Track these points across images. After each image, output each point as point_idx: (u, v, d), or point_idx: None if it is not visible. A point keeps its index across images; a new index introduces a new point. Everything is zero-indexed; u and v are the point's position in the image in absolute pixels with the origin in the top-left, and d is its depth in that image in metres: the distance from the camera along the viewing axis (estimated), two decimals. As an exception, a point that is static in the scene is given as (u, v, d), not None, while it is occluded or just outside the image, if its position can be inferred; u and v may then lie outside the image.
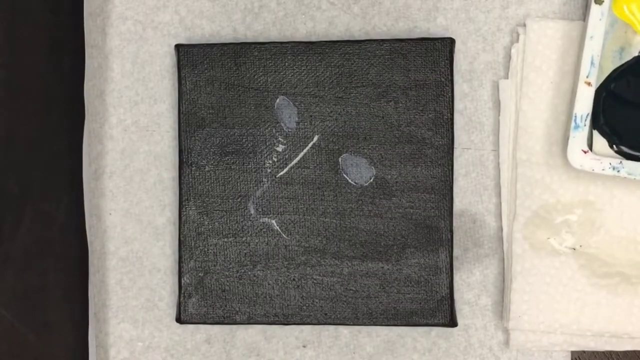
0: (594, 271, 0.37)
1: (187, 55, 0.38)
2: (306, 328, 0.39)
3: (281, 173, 0.38)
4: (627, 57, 0.37)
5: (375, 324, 0.37)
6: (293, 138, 0.38)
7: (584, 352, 0.39)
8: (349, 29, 0.39)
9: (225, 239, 0.38)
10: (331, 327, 0.39)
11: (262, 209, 0.38)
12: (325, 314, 0.37)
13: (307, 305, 0.38)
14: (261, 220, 0.38)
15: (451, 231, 0.37)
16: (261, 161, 0.38)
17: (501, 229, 0.38)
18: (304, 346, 0.39)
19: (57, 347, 0.43)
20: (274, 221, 0.38)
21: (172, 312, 0.39)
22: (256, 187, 0.38)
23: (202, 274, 0.38)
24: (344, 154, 0.38)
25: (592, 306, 0.37)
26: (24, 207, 0.43)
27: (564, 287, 0.38)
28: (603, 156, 0.36)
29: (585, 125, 0.36)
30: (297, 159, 0.38)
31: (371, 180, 0.37)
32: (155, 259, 0.39)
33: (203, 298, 0.38)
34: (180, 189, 0.38)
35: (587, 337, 0.38)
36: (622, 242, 0.37)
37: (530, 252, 0.38)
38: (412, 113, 0.37)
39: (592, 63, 0.36)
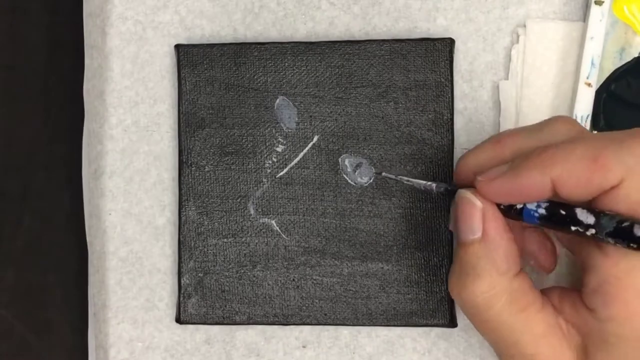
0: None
1: (187, 56, 0.38)
2: (306, 328, 0.39)
3: (281, 173, 0.38)
4: (628, 58, 0.37)
5: (375, 325, 0.37)
6: (293, 138, 0.38)
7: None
8: (349, 29, 0.39)
9: (225, 240, 0.38)
10: (331, 328, 0.39)
11: (261, 210, 0.38)
12: (325, 315, 0.37)
13: (306, 305, 0.38)
14: (261, 221, 0.38)
15: (451, 231, 0.37)
16: (261, 161, 0.38)
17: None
18: (304, 346, 0.39)
19: (57, 347, 0.43)
20: (273, 221, 0.38)
21: (172, 312, 0.39)
22: (256, 188, 0.38)
23: (201, 275, 0.38)
24: (344, 154, 0.38)
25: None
26: (24, 207, 0.43)
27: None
28: (603, 157, 0.36)
29: (585, 126, 0.36)
30: (297, 159, 0.38)
31: (371, 180, 0.37)
32: (155, 259, 0.39)
33: (203, 298, 0.38)
34: (180, 189, 0.38)
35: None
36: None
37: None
38: (412, 113, 0.37)
39: (592, 64, 0.36)
